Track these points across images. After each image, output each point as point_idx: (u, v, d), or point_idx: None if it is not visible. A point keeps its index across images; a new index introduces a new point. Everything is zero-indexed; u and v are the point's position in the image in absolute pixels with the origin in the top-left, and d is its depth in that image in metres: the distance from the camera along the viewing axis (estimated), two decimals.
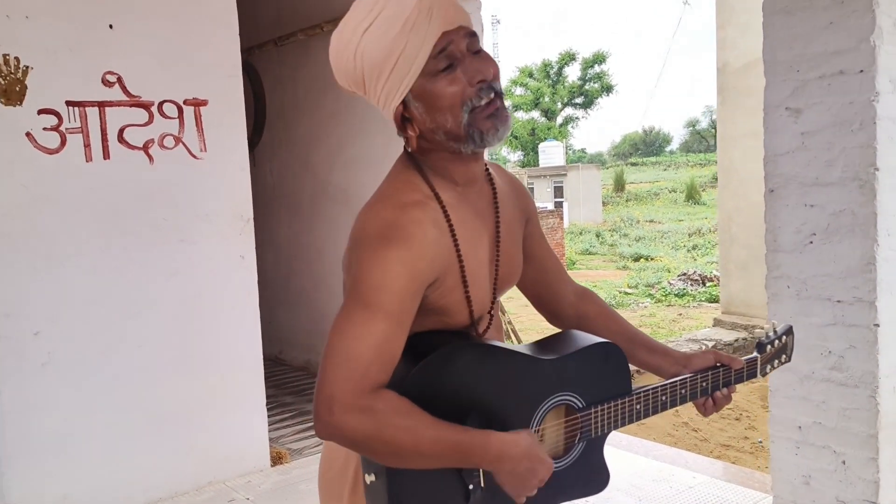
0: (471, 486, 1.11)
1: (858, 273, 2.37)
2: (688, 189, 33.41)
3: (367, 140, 4.37)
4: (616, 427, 1.26)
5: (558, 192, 27.93)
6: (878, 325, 2.35)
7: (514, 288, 1.40)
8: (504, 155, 47.20)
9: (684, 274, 13.76)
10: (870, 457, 2.40)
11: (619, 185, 37.05)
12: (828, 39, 2.38)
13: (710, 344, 5.99)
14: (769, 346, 1.41)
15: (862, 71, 2.31)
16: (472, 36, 1.10)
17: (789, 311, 2.56)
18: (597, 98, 39.26)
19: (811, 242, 2.48)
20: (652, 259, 17.95)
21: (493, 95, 1.10)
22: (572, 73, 39.44)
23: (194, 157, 3.07)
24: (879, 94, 2.29)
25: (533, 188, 28.19)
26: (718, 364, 1.32)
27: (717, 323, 6.51)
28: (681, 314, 10.84)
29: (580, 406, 1.22)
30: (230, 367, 3.22)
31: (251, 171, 3.27)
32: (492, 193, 1.25)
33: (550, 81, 39.26)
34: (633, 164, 51.10)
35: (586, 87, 39.17)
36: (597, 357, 1.26)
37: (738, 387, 1.46)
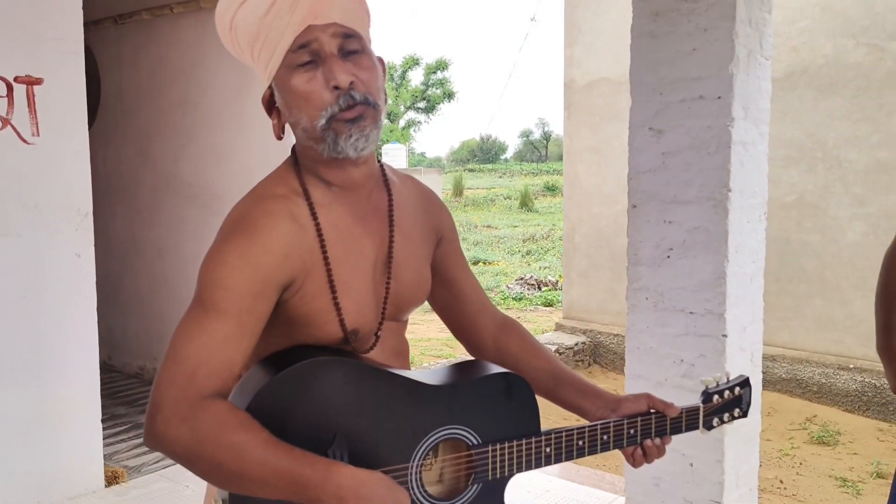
0: None
1: (710, 287, 2.53)
2: (522, 196, 34.86)
3: (218, 132, 4.10)
4: (520, 470, 1.14)
5: None
6: (725, 336, 2.52)
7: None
8: None
9: (521, 278, 14.30)
10: (716, 459, 2.56)
11: (458, 190, 37.97)
12: (690, 65, 2.51)
13: (553, 347, 6.23)
14: (716, 396, 1.26)
15: (720, 97, 2.46)
16: (349, 37, 1.02)
17: (647, 321, 2.69)
18: (438, 104, 39.99)
19: (669, 257, 2.62)
20: (490, 263, 18.51)
21: (354, 103, 1.01)
22: (416, 77, 39.91)
23: (25, 141, 2.71)
24: (734, 119, 2.45)
25: None
26: (652, 410, 1.20)
27: (559, 327, 6.80)
28: (519, 317, 11.24)
29: (475, 443, 1.10)
30: (60, 377, 2.88)
31: None
32: (387, 201, 1.14)
33: (394, 84, 39.46)
34: (471, 171, 52.57)
35: (428, 92, 39.77)
36: (496, 389, 1.13)
37: None
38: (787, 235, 5.54)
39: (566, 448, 1.16)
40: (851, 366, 5.29)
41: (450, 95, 39.67)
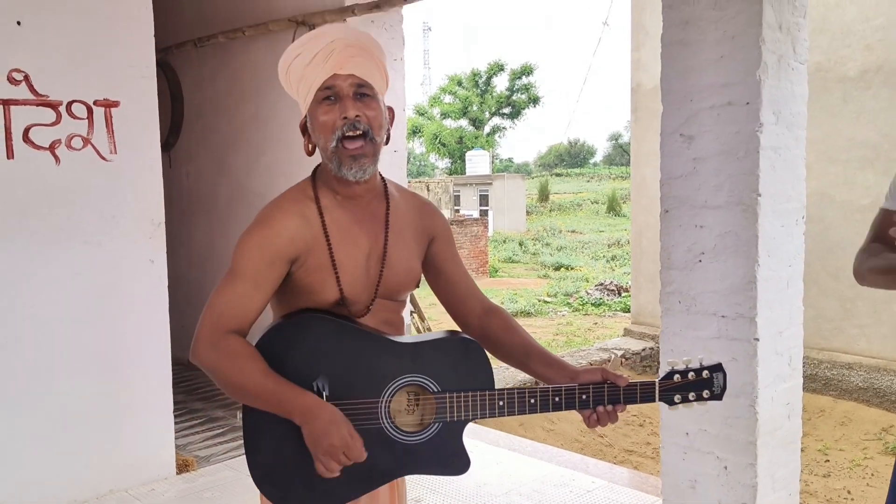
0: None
1: (741, 290, 2.54)
2: (609, 201, 34.36)
3: (285, 147, 4.36)
4: (475, 417, 1.39)
5: (484, 200, 28.25)
6: (757, 339, 2.53)
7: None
8: (432, 161, 47.37)
9: (601, 284, 14.16)
10: (748, 462, 2.57)
11: (544, 195, 37.77)
12: (718, 72, 2.54)
13: (620, 353, 6.21)
14: (677, 376, 1.40)
15: (748, 103, 2.48)
16: (362, 85, 1.40)
17: (680, 324, 2.72)
18: (524, 109, 39.92)
19: (700, 261, 2.65)
20: (572, 268, 18.38)
21: (359, 133, 1.38)
22: (500, 83, 39.94)
23: (104, 158, 3.01)
24: (763, 125, 2.47)
25: (459, 196, 28.41)
26: (606, 381, 1.39)
27: (627, 333, 6.77)
28: (596, 323, 11.16)
29: (436, 390, 1.38)
30: (135, 372, 3.17)
31: (166, 174, 3.24)
32: (384, 209, 1.50)
33: (479, 91, 39.69)
34: (558, 175, 52.15)
35: (514, 97, 39.76)
36: (455, 349, 1.40)
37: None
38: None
39: (518, 403, 1.38)
40: None
41: (535, 100, 39.53)
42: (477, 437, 3.79)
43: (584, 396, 1.39)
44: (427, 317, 7.96)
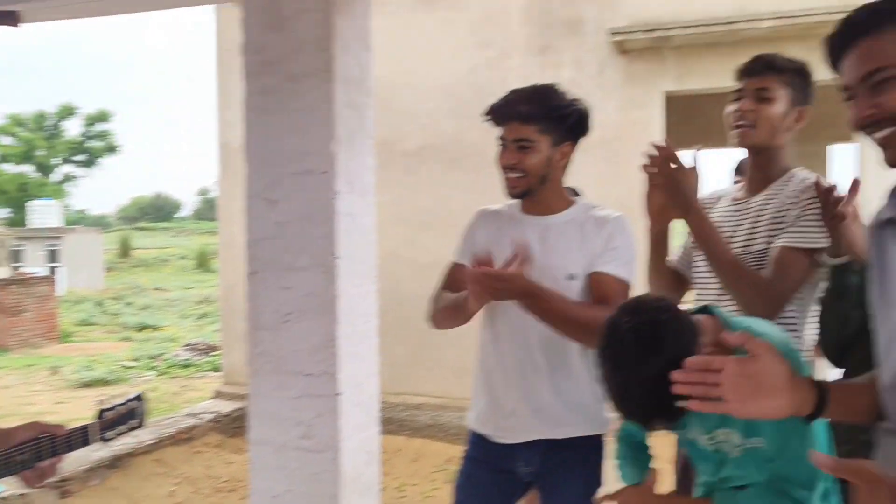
0: None
1: (323, 348, 2.67)
2: (198, 256, 33.46)
3: None
4: None
5: (53, 256, 25.07)
6: (339, 394, 2.67)
7: None
8: None
9: (190, 344, 13.60)
10: None
11: (125, 250, 35.11)
12: (297, 141, 2.68)
13: (210, 416, 6.00)
14: (108, 413, 1.43)
15: (325, 172, 2.66)
16: None
17: (269, 385, 2.74)
18: (99, 157, 36.78)
19: (287, 321, 2.72)
20: (158, 328, 17.31)
21: None
22: (73, 127, 36.21)
23: None
24: (338, 193, 2.66)
25: (21, 251, 24.75)
26: (43, 434, 1.32)
27: (218, 394, 6.58)
28: (184, 386, 10.64)
29: None
30: None
31: None
32: None
33: (46, 134, 35.43)
34: (142, 229, 49.10)
35: (88, 144, 36.40)
36: None
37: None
38: (426, 293, 6.06)
39: None
40: None
41: (112, 148, 36.78)
42: None
43: (23, 457, 1.29)
44: None
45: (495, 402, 1.88)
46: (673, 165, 1.79)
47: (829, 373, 1.99)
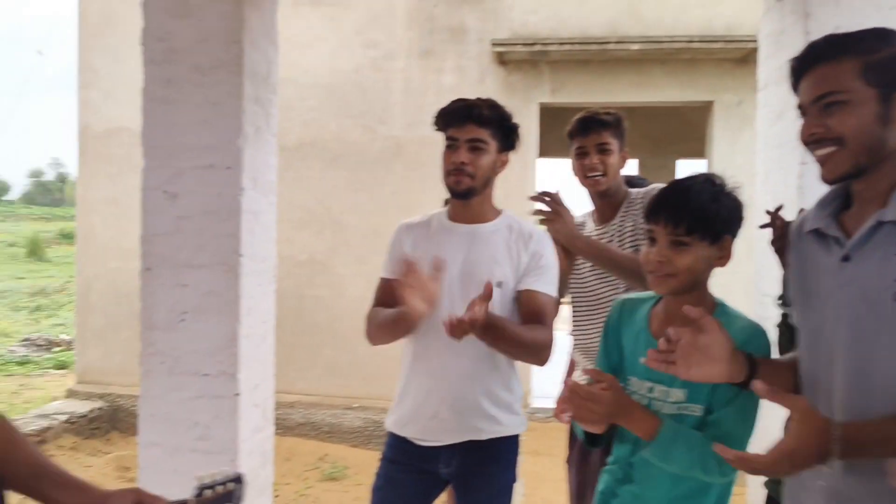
0: None
1: (224, 348, 2.61)
2: (31, 244, 30.73)
3: None
4: None
5: None
6: (238, 395, 2.63)
7: None
8: None
9: (27, 339, 12.53)
10: None
11: None
12: (201, 134, 2.60)
13: (64, 417, 5.60)
14: (208, 491, 1.26)
15: (229, 168, 2.60)
16: None
17: (162, 386, 2.64)
18: None
19: (184, 320, 2.63)
20: None
21: None
22: None
23: None
24: (244, 189, 2.62)
25: None
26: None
27: (72, 394, 6.14)
28: (23, 385, 9.78)
29: None
30: None
31: None
32: None
33: None
34: None
35: None
36: None
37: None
38: (301, 291, 6.01)
39: None
40: (356, 405, 5.96)
41: None
42: None
43: None
44: None
45: (421, 405, 1.94)
46: (557, 206, 2.19)
47: None
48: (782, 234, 1.79)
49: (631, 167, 8.01)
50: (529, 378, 5.95)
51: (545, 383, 5.84)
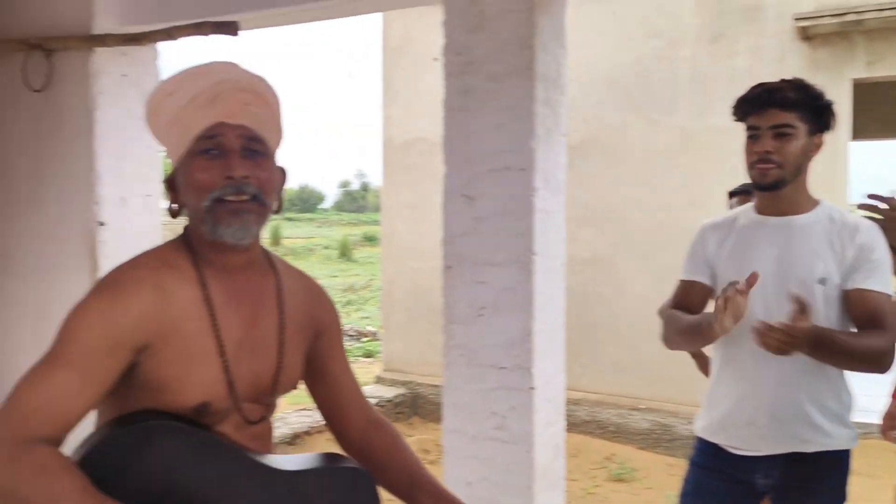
0: None
1: (518, 343, 2.71)
2: (341, 246, 34.82)
3: (10, 185, 3.77)
4: None
5: None
6: (533, 389, 2.71)
7: None
8: None
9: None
10: None
11: (276, 239, 37.20)
12: (497, 139, 2.73)
13: (374, 401, 6.26)
14: None
15: (523, 169, 2.70)
16: (254, 139, 1.13)
17: (462, 377, 2.82)
18: None
19: (482, 315, 2.78)
20: None
21: (243, 197, 1.10)
22: None
23: None
24: (536, 189, 2.69)
25: None
26: None
27: (379, 380, 6.85)
28: None
29: None
30: None
31: None
32: (273, 286, 1.23)
33: None
34: (289, 220, 51.77)
35: None
36: (342, 482, 1.14)
37: None
38: (584, 289, 6.03)
39: None
40: (642, 406, 5.82)
41: None
42: None
43: None
44: None
45: (732, 412, 1.82)
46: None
47: None
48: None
49: None
50: None
51: (865, 395, 5.18)
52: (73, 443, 1.04)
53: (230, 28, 3.02)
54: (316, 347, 1.31)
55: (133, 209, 3.58)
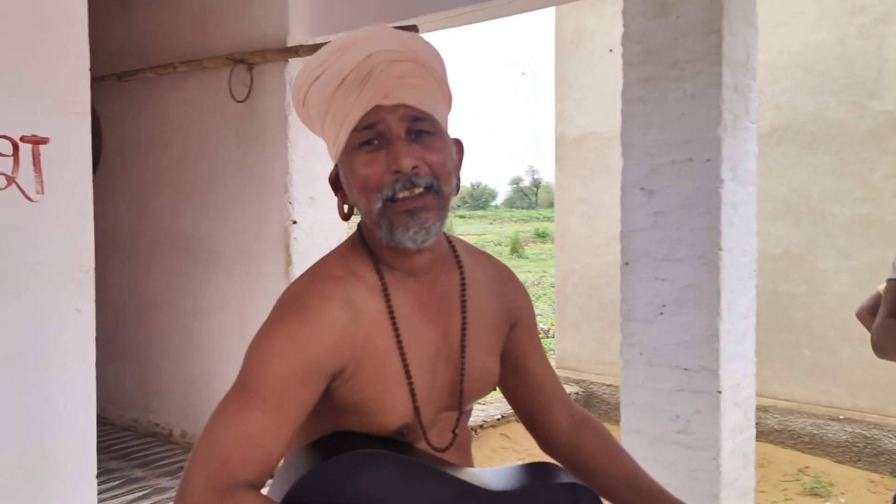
0: None
1: (704, 343, 2.58)
2: (512, 243, 35.02)
3: (214, 188, 4.16)
4: None
5: None
6: (720, 392, 2.56)
7: None
8: None
9: None
10: None
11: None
12: (679, 129, 2.61)
13: None
14: None
15: (709, 160, 2.55)
16: (418, 119, 0.96)
17: (641, 376, 2.73)
18: None
19: (662, 313, 2.67)
20: None
21: (416, 190, 0.95)
22: None
23: (29, 199, 2.75)
24: (724, 181, 2.54)
25: None
26: None
27: None
28: None
29: None
30: (56, 432, 2.87)
31: None
32: (459, 286, 1.08)
33: None
34: (462, 217, 52.86)
35: None
36: (561, 501, 1.02)
37: None
38: (775, 287, 5.61)
39: None
40: (841, 416, 5.32)
41: None
42: None
43: None
44: None
45: None
46: None
47: None
48: None
49: None
50: None
51: None
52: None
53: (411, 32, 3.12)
54: (511, 340, 1.16)
55: (321, 207, 3.81)
